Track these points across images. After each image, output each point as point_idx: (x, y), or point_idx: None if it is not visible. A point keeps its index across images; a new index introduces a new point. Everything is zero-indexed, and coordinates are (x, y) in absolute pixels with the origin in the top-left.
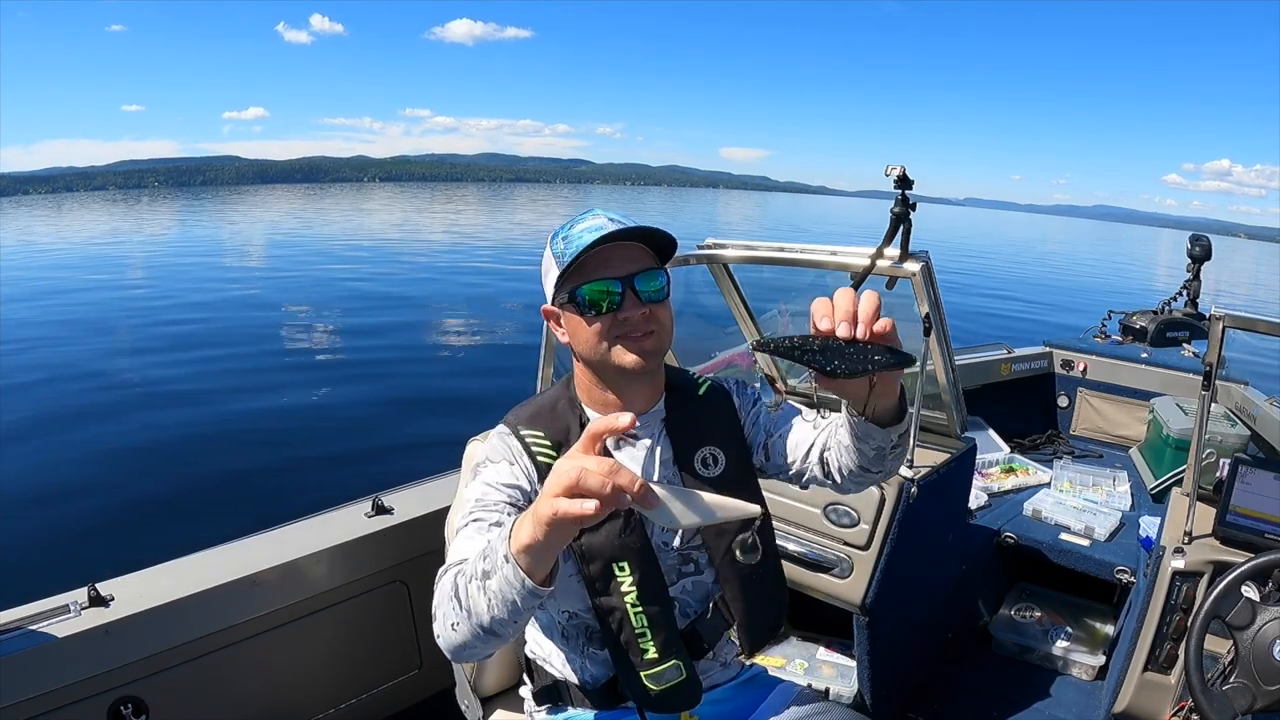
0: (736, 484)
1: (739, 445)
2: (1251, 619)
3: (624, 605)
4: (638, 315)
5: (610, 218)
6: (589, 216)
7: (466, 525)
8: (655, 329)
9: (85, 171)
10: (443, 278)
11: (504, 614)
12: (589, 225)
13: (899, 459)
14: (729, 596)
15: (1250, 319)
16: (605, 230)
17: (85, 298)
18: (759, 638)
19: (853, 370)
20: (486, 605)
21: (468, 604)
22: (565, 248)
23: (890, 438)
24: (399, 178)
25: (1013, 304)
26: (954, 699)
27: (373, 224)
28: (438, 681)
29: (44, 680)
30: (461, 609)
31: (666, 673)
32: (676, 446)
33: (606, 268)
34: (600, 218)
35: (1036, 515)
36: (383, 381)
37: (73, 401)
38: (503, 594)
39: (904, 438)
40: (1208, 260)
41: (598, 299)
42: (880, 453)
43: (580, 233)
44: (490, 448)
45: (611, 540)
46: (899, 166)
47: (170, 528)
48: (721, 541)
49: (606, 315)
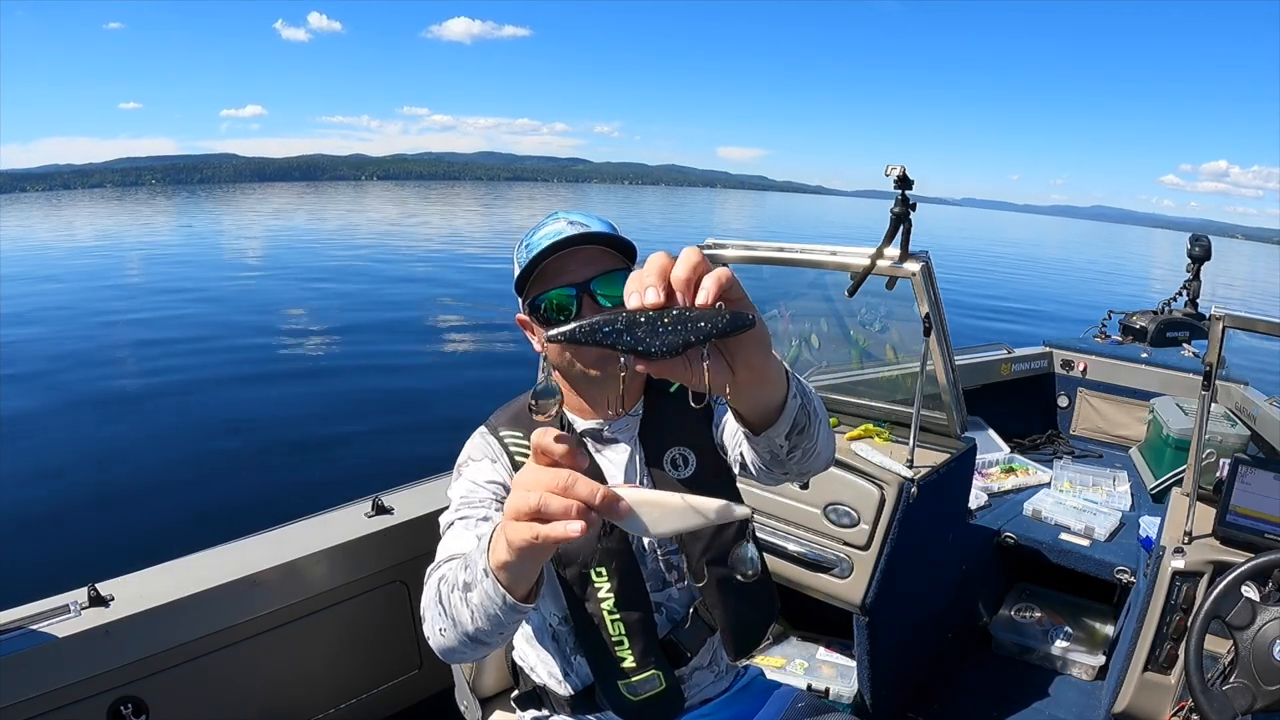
0: (707, 484)
1: (711, 442)
2: (1251, 619)
3: (600, 612)
4: None
5: (571, 221)
6: (550, 222)
7: (453, 523)
8: None
9: (83, 169)
10: (442, 276)
11: (487, 625)
12: (548, 231)
13: (808, 462)
14: (709, 602)
15: (1250, 319)
16: (562, 235)
17: (84, 296)
18: (745, 642)
19: (671, 346)
20: (470, 617)
21: (452, 613)
22: (526, 255)
23: (775, 441)
24: (397, 176)
25: (1012, 304)
26: (954, 699)
27: (372, 221)
28: (438, 681)
29: (44, 680)
30: (446, 617)
31: (645, 682)
32: (647, 448)
33: (563, 275)
34: (560, 222)
35: (1036, 515)
36: (382, 381)
37: (73, 400)
38: (484, 607)
39: (802, 438)
40: (1208, 260)
41: (555, 309)
42: (774, 456)
43: (540, 240)
44: (473, 446)
45: (589, 544)
46: (899, 166)
47: (170, 528)
48: (696, 545)
49: (566, 321)
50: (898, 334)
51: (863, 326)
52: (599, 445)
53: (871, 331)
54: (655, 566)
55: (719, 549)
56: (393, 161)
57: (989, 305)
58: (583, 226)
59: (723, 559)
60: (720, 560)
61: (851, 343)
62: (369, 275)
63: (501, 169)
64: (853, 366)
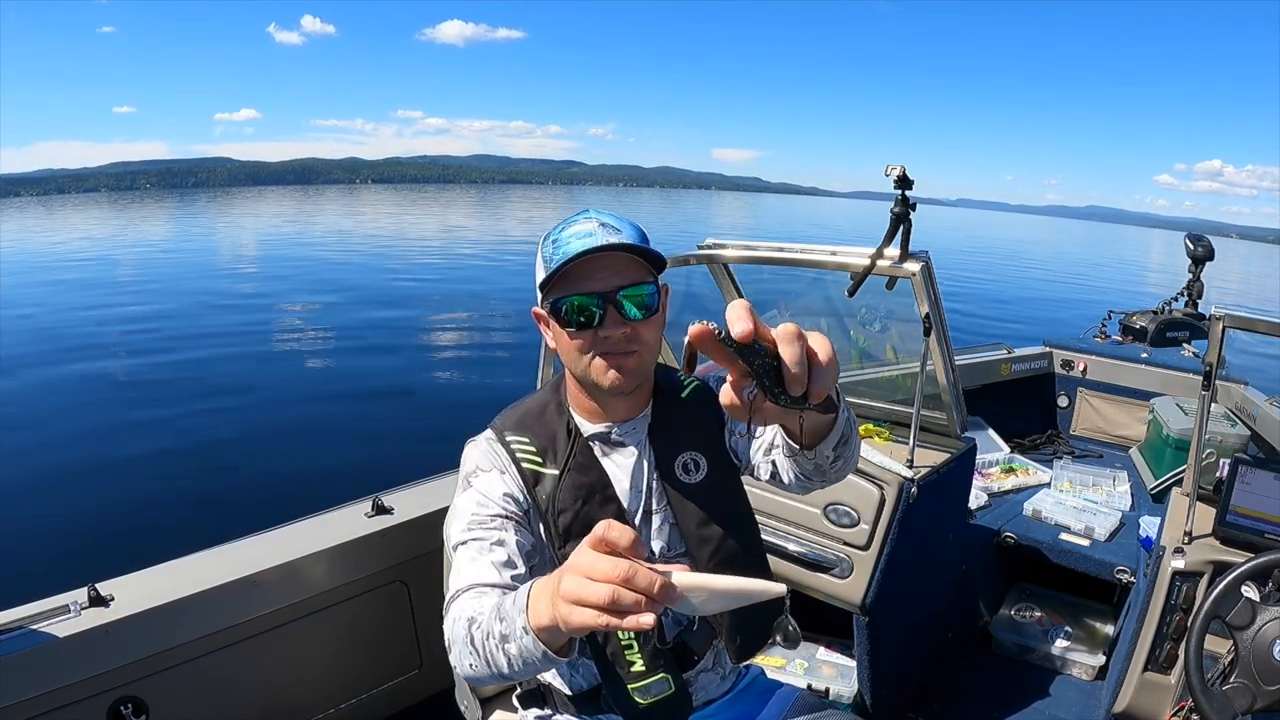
0: (718, 490)
1: (722, 447)
2: (1251, 619)
3: None
4: (619, 334)
5: (603, 223)
6: (580, 219)
7: (466, 543)
8: (637, 349)
9: (77, 173)
10: (441, 275)
11: (524, 671)
12: (578, 230)
13: (847, 468)
14: None
15: (1250, 319)
16: (594, 241)
17: (82, 298)
18: (748, 646)
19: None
20: (507, 663)
21: (486, 656)
22: (553, 252)
23: (824, 454)
24: (391, 179)
25: (1011, 304)
26: (954, 699)
27: (369, 223)
28: (438, 681)
29: (44, 680)
30: (479, 659)
31: (654, 686)
32: (657, 453)
33: (590, 280)
34: (592, 222)
35: (1036, 515)
36: (381, 380)
37: (72, 400)
38: (523, 658)
39: (845, 447)
40: (1210, 260)
41: (578, 314)
42: (818, 467)
43: (569, 238)
44: (480, 454)
45: None
46: (899, 167)
47: (170, 528)
48: (705, 550)
49: (587, 331)
50: (898, 334)
51: (863, 326)
52: (607, 449)
53: (871, 331)
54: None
55: (726, 554)
56: (387, 165)
57: (989, 305)
58: (614, 230)
59: (729, 562)
60: (727, 564)
61: (851, 343)
62: (370, 275)
63: (496, 172)
64: (853, 366)
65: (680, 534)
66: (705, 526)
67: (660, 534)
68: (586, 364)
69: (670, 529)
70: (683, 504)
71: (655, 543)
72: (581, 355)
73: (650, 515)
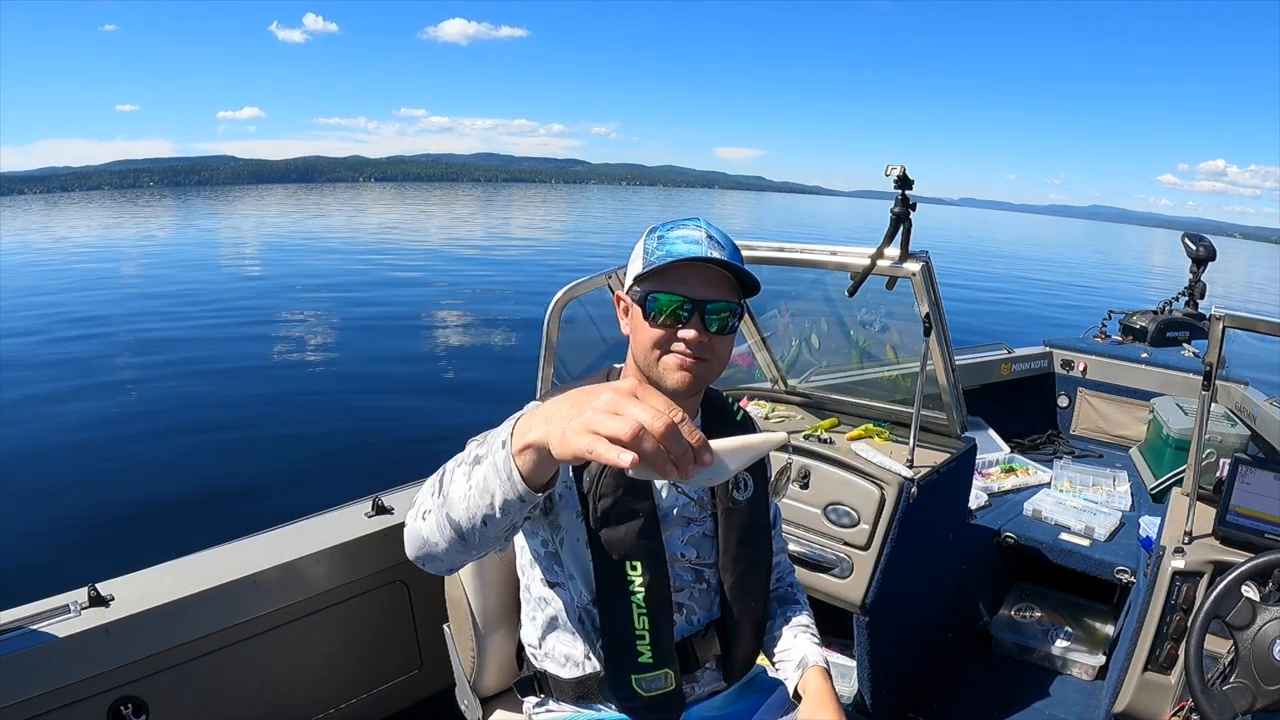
0: (760, 510)
1: (763, 477)
2: (1251, 619)
3: (630, 605)
4: (697, 339)
5: (710, 235)
6: (690, 225)
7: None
8: (709, 358)
9: (81, 171)
10: (440, 275)
11: (478, 507)
12: (686, 234)
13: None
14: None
15: (1250, 319)
16: (699, 250)
17: (84, 296)
18: (734, 670)
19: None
20: (464, 493)
21: (447, 488)
22: (658, 247)
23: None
24: (395, 178)
25: (1010, 304)
26: (954, 699)
27: (373, 221)
28: (438, 681)
29: (44, 680)
30: (440, 494)
31: (656, 679)
32: None
33: (684, 284)
34: (700, 231)
35: (1036, 515)
36: (382, 380)
37: (72, 400)
38: (485, 483)
39: None
40: (1211, 260)
41: (666, 310)
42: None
43: (676, 239)
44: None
45: (630, 538)
46: (899, 166)
47: (170, 528)
48: (738, 565)
49: (669, 327)
50: (898, 334)
51: (863, 326)
52: None
53: (871, 331)
54: (681, 570)
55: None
56: (390, 163)
57: (989, 305)
58: (719, 245)
59: (750, 593)
60: (747, 594)
61: (852, 343)
62: (371, 272)
63: (499, 170)
64: (853, 366)
65: (718, 546)
66: (743, 544)
67: (692, 542)
68: (657, 358)
69: (706, 540)
70: (729, 518)
71: (684, 550)
72: (655, 349)
73: (690, 523)
